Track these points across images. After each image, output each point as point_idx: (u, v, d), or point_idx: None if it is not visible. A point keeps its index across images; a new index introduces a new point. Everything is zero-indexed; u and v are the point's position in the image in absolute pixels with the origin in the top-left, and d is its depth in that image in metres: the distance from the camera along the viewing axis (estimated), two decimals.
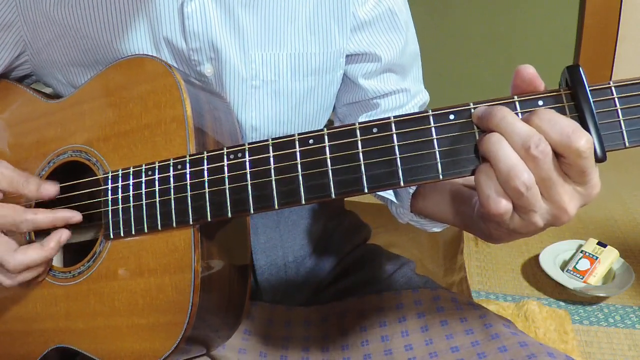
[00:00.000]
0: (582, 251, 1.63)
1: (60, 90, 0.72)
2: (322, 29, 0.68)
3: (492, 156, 0.43)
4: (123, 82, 0.62)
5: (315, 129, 0.74)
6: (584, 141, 0.41)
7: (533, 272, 1.67)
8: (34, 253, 0.59)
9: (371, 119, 0.74)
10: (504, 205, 0.44)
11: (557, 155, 0.43)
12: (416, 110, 0.78)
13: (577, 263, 1.60)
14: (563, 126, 0.42)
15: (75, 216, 0.61)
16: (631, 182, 2.12)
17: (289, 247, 0.78)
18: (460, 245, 1.73)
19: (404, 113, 0.75)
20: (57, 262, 0.66)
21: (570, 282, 1.57)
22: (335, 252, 0.81)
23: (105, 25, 0.64)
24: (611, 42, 2.29)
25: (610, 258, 1.60)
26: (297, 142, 0.50)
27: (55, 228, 0.61)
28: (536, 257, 1.68)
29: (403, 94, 0.76)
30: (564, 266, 1.64)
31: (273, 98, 0.69)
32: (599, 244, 1.63)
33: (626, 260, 1.63)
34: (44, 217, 0.60)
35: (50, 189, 0.61)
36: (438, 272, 1.58)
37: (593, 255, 1.60)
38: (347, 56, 0.72)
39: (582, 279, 1.57)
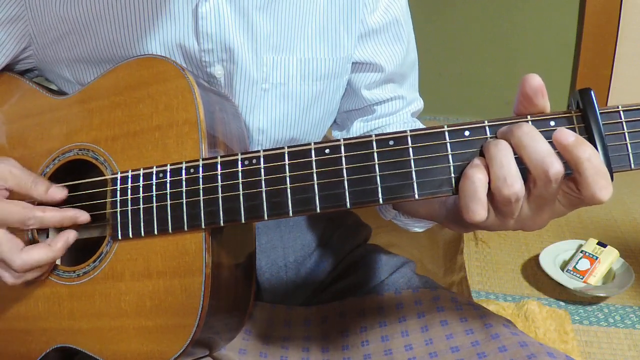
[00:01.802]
0: (582, 251, 1.63)
1: (64, 86, 0.71)
2: (332, 35, 0.69)
3: (495, 161, 0.44)
4: (133, 82, 0.61)
5: (320, 133, 0.76)
6: (609, 194, 0.43)
7: (533, 272, 1.67)
8: (41, 253, 0.58)
9: (366, 124, 0.76)
10: (481, 216, 0.45)
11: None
12: (409, 116, 0.79)
13: (577, 263, 1.60)
14: (604, 173, 0.43)
15: (83, 216, 0.61)
16: (631, 182, 2.12)
17: (290, 248, 0.78)
18: (460, 245, 1.73)
19: (398, 119, 0.77)
20: (59, 261, 0.66)
21: (570, 282, 1.57)
22: (336, 253, 0.81)
23: (117, 23, 0.64)
24: (611, 42, 2.29)
25: (610, 258, 1.60)
26: (313, 151, 0.50)
27: (62, 228, 0.61)
28: (536, 257, 1.69)
29: (399, 100, 0.77)
30: (564, 266, 1.64)
31: (282, 101, 0.69)
32: (599, 244, 1.63)
33: (626, 260, 1.63)
34: (51, 215, 0.59)
35: (59, 192, 0.61)
36: (438, 272, 1.58)
37: (593, 255, 1.60)
38: (352, 64, 0.72)
39: (582, 279, 1.57)
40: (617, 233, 1.84)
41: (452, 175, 0.47)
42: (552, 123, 0.46)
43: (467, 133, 0.47)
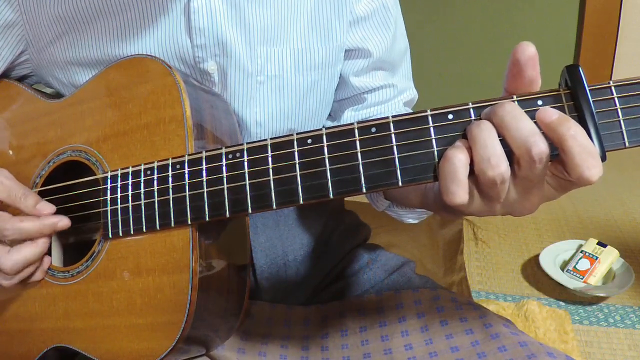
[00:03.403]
0: (582, 251, 1.63)
1: (61, 90, 0.72)
2: (324, 24, 0.69)
3: (478, 142, 0.42)
4: (123, 82, 0.62)
5: (318, 123, 0.76)
6: (598, 173, 0.41)
7: (533, 272, 1.67)
8: (28, 250, 0.59)
9: (357, 113, 0.76)
10: (461, 198, 0.43)
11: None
12: (402, 105, 0.79)
13: (577, 263, 1.60)
14: (591, 151, 0.41)
15: (62, 221, 0.60)
16: (631, 182, 2.12)
17: (289, 247, 0.78)
18: (460, 245, 1.73)
19: (389, 108, 0.77)
20: (56, 261, 0.66)
21: (570, 282, 1.56)
22: (335, 252, 0.81)
23: (109, 21, 0.64)
24: (611, 42, 2.29)
25: (610, 258, 1.60)
26: (295, 142, 0.50)
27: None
28: (536, 257, 1.68)
29: (390, 89, 0.76)
30: (564, 266, 1.64)
31: (277, 93, 0.69)
32: (599, 244, 1.63)
33: (626, 260, 1.63)
34: (30, 224, 0.59)
35: (47, 208, 0.61)
36: (438, 272, 1.58)
37: (593, 255, 1.60)
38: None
39: (582, 279, 1.57)
40: (617, 233, 1.84)
41: (436, 160, 0.45)
42: (540, 102, 0.44)
43: (450, 116, 0.45)
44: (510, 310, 1.47)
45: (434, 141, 0.46)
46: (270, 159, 0.50)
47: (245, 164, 0.51)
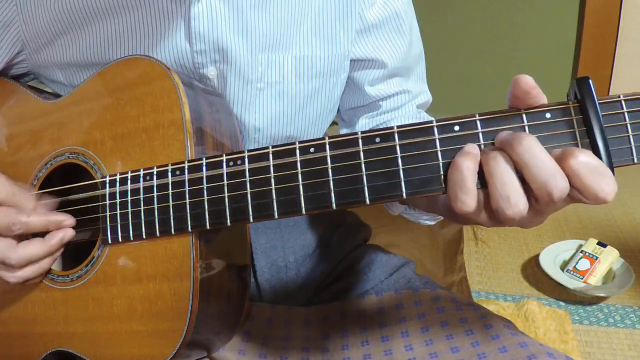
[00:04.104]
0: (582, 251, 1.63)
1: (59, 89, 0.71)
2: (328, 32, 0.68)
3: (495, 176, 0.42)
4: (120, 83, 0.61)
5: (319, 130, 0.75)
6: (612, 191, 0.40)
7: (533, 272, 1.67)
8: (36, 247, 0.58)
9: (372, 119, 0.75)
10: (469, 206, 0.42)
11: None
12: (415, 109, 0.78)
13: (577, 263, 1.60)
14: (602, 171, 0.40)
15: (68, 220, 0.60)
16: (631, 183, 2.12)
17: (290, 248, 0.78)
18: (460, 245, 1.73)
19: (403, 113, 0.77)
20: (55, 265, 0.66)
21: (570, 282, 1.57)
22: (336, 253, 0.81)
23: (107, 23, 0.64)
24: (611, 42, 2.29)
25: (610, 258, 1.60)
26: (297, 151, 0.48)
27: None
28: (536, 257, 1.68)
29: (405, 94, 0.76)
30: (564, 266, 1.64)
31: (277, 100, 0.69)
32: (599, 244, 1.63)
33: (626, 260, 1.63)
34: (37, 219, 0.58)
35: (44, 212, 0.60)
36: (438, 272, 1.58)
37: (593, 255, 1.60)
38: (353, 61, 0.72)
39: (582, 279, 1.57)
40: (617, 233, 1.84)
41: (442, 172, 0.44)
42: (548, 115, 0.43)
43: (456, 128, 0.45)
44: (510, 311, 1.48)
45: (439, 153, 0.45)
46: (272, 167, 0.49)
47: (247, 171, 0.50)
